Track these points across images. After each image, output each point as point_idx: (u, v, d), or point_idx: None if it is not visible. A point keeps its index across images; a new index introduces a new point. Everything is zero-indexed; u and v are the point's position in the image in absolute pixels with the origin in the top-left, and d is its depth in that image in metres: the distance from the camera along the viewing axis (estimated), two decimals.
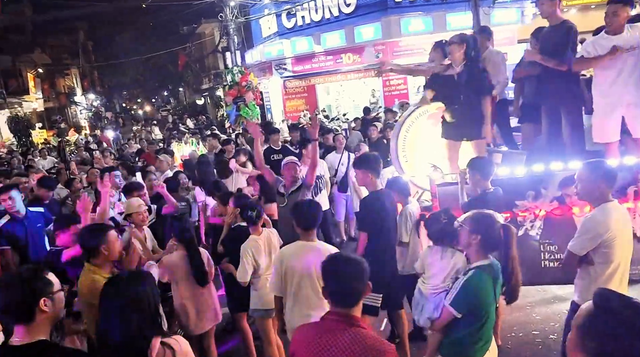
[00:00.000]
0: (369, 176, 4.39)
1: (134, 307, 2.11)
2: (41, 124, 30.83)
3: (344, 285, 2.23)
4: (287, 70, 22.16)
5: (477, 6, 12.97)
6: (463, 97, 5.05)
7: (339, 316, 2.21)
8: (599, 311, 1.52)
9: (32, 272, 2.21)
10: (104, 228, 3.46)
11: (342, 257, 2.36)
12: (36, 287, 2.16)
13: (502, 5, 16.22)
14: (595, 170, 3.19)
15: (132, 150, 13.76)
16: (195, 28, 36.60)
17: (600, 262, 3.14)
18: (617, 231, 3.10)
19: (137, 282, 2.23)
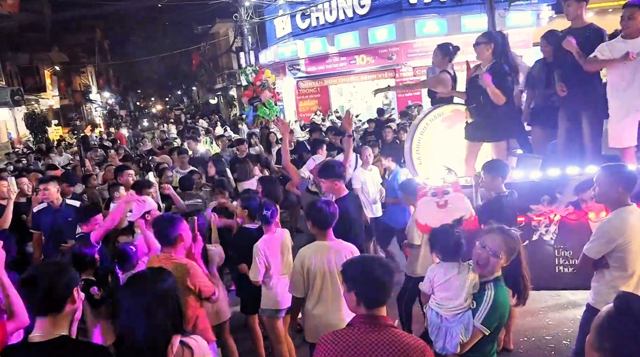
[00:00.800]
0: (336, 183, 4.38)
1: (159, 303, 2.10)
2: (57, 121, 31.25)
3: (375, 287, 2.21)
4: (301, 70, 22.21)
5: (492, 8, 12.87)
6: (483, 97, 5.00)
7: (369, 319, 2.19)
8: (618, 313, 1.53)
9: (64, 264, 2.27)
10: (178, 218, 3.54)
11: (369, 259, 2.34)
12: (72, 275, 2.22)
13: (518, 8, 16.09)
14: (614, 174, 3.20)
15: (146, 148, 13.86)
16: (210, 28, 36.87)
17: (615, 266, 3.16)
18: (633, 235, 3.10)
19: (161, 278, 2.23)
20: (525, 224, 4.51)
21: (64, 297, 2.15)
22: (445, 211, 4.11)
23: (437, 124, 5.73)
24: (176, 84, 55.76)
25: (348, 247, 3.57)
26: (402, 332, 2.22)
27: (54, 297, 2.12)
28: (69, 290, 2.17)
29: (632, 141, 4.72)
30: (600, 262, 3.20)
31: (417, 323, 4.70)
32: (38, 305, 2.14)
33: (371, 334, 2.14)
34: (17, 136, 24.34)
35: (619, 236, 3.09)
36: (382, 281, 2.22)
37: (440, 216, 3.99)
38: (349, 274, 2.29)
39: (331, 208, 3.59)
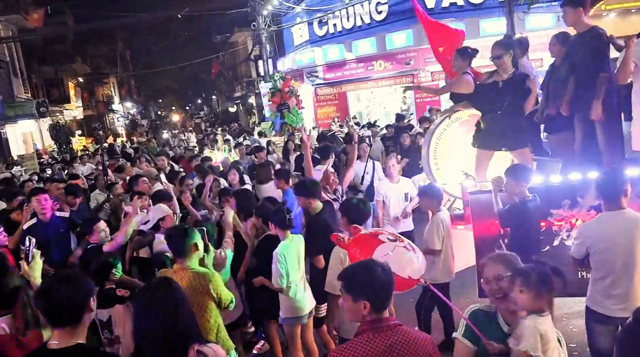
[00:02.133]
0: (310, 202, 4.56)
1: (172, 312, 2.14)
2: (80, 131, 31.91)
3: (383, 291, 2.23)
4: (319, 77, 22.28)
5: (511, 12, 12.76)
6: (508, 104, 4.95)
7: (377, 323, 2.20)
8: (635, 325, 1.49)
9: (78, 274, 2.28)
10: (191, 228, 3.58)
11: (371, 264, 2.33)
12: (88, 286, 2.21)
13: (537, 11, 15.90)
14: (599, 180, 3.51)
15: None
16: (229, 37, 37.31)
17: (595, 267, 3.39)
18: (612, 239, 3.27)
19: (172, 288, 2.27)
20: (546, 229, 4.44)
21: (82, 307, 2.15)
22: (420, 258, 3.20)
23: (454, 128, 5.71)
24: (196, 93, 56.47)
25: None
26: (408, 328, 2.28)
27: (71, 308, 2.12)
28: (86, 300, 2.17)
29: None
30: (583, 262, 3.45)
31: (436, 329, 4.66)
32: (56, 317, 2.13)
33: (384, 338, 2.16)
34: (42, 147, 24.91)
35: (592, 239, 3.35)
36: (388, 284, 2.25)
37: (418, 266, 3.12)
38: (353, 283, 2.26)
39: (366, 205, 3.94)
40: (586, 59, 4.69)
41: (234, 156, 11.27)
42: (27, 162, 16.68)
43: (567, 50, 5.08)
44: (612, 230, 3.31)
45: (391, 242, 3.20)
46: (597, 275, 3.38)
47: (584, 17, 4.80)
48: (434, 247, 4.55)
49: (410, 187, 6.13)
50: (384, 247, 3.16)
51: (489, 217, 4.46)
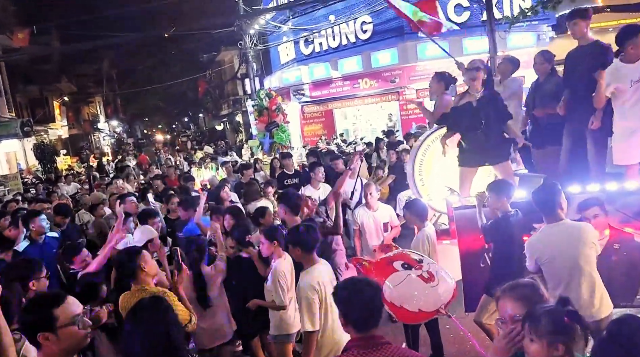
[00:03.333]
0: (285, 212, 4.69)
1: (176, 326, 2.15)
2: (65, 150, 31.62)
3: (362, 309, 2.20)
4: (305, 95, 22.44)
5: (493, 31, 13.02)
6: (485, 122, 5.06)
7: (364, 341, 2.18)
8: (609, 337, 1.52)
9: (38, 304, 2.19)
10: (136, 249, 3.61)
11: (358, 282, 2.32)
12: (33, 321, 2.13)
13: (518, 30, 16.25)
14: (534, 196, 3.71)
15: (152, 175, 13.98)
16: (215, 56, 37.48)
17: (546, 278, 3.55)
18: (556, 250, 3.48)
19: (164, 307, 2.26)
20: None
21: (34, 337, 2.11)
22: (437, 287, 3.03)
23: (439, 145, 5.78)
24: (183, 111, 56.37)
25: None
26: (400, 347, 2.22)
27: (27, 335, 2.13)
28: (33, 334, 2.12)
29: (637, 159, 4.74)
30: (539, 273, 3.59)
31: (424, 346, 4.67)
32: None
33: (369, 355, 2.14)
34: (26, 167, 24.61)
35: (538, 251, 3.56)
36: (370, 303, 2.19)
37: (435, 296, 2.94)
38: (339, 297, 2.29)
39: (315, 232, 3.66)
40: (590, 70, 4.75)
41: (221, 174, 11.25)
42: (10, 182, 16.49)
43: (565, 63, 5.20)
44: (555, 241, 3.51)
45: (405, 270, 3.05)
46: (549, 285, 3.52)
47: (588, 30, 4.98)
48: None
49: (391, 215, 5.68)
50: (395, 277, 3.12)
51: (474, 232, 4.52)
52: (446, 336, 4.83)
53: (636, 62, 4.49)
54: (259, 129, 16.18)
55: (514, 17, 12.30)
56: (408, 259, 3.29)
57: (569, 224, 3.59)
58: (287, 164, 8.76)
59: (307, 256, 3.58)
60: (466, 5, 18.87)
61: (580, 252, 3.47)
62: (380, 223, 5.58)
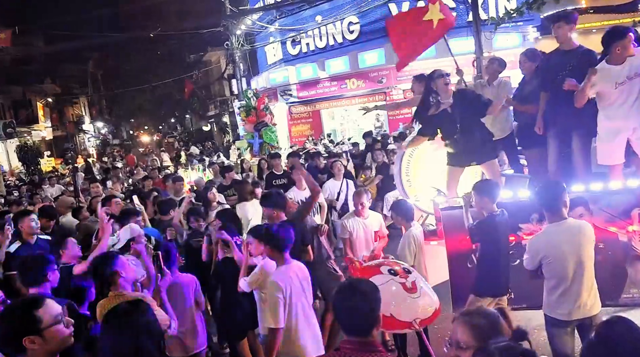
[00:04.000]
0: (274, 212, 4.66)
1: (148, 334, 2.09)
2: (49, 152, 31.22)
3: (353, 316, 2.18)
4: (292, 96, 22.42)
5: (478, 32, 13.11)
6: (461, 124, 5.09)
7: (355, 344, 2.16)
8: (598, 340, 1.52)
9: (19, 309, 2.16)
10: (113, 254, 3.52)
11: (351, 289, 2.27)
12: (18, 326, 2.10)
13: (504, 31, 16.38)
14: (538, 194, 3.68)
15: (139, 177, 13.85)
16: (202, 56, 37.29)
17: (547, 277, 3.57)
18: (560, 249, 3.45)
19: (144, 309, 2.22)
20: (516, 243, 4.53)
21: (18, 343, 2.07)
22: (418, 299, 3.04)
23: (425, 146, 5.80)
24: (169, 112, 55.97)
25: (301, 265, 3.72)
26: (389, 354, 2.23)
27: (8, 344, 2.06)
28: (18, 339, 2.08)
29: (620, 159, 4.79)
30: (536, 273, 3.61)
31: (412, 346, 4.67)
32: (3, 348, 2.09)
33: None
34: (9, 168, 24.27)
35: (542, 250, 3.53)
36: (359, 310, 2.16)
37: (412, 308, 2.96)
38: (334, 302, 2.27)
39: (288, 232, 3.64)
40: (575, 76, 4.77)
41: (208, 175, 11.18)
42: None
43: (543, 66, 5.23)
44: (558, 240, 3.50)
45: (390, 274, 3.06)
46: (550, 284, 3.56)
47: (572, 34, 4.99)
48: (406, 262, 4.59)
49: (380, 223, 5.39)
50: (377, 279, 3.11)
51: (461, 233, 4.53)
52: (433, 336, 4.83)
53: (622, 64, 4.54)
54: (247, 129, 15.97)
55: (499, 18, 12.39)
56: (397, 267, 3.32)
57: (572, 222, 3.57)
58: (275, 164, 8.74)
59: (277, 255, 3.61)
60: (452, 6, 18.96)
61: (584, 251, 3.48)
62: (371, 231, 5.32)
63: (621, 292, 4.33)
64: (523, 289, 4.59)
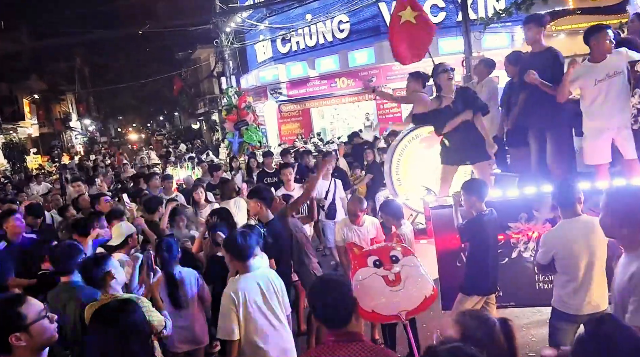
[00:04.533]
0: (258, 204, 4.56)
1: (134, 333, 2.08)
2: (36, 149, 30.86)
3: (329, 307, 2.26)
4: (282, 94, 22.39)
5: (468, 31, 13.19)
6: (462, 122, 5.14)
7: (337, 336, 2.25)
8: (587, 335, 1.54)
9: (1, 306, 2.12)
10: (104, 255, 3.48)
11: (321, 282, 2.38)
12: (3, 323, 2.07)
13: (493, 31, 16.51)
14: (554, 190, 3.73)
15: (127, 175, 13.73)
16: (191, 54, 37.08)
17: (560, 272, 3.61)
18: (573, 245, 3.48)
19: (130, 309, 2.21)
20: (505, 242, 4.57)
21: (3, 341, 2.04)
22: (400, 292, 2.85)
23: (415, 145, 5.83)
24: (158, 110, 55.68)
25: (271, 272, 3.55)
26: (373, 344, 2.28)
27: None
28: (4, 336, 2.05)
29: (607, 158, 4.85)
30: (549, 267, 3.65)
31: (401, 345, 4.69)
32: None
33: (340, 349, 2.20)
34: None
35: (556, 246, 3.55)
36: (334, 302, 2.24)
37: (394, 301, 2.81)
38: (309, 299, 2.36)
39: (250, 240, 3.41)
40: (544, 78, 4.86)
41: (197, 173, 11.12)
42: None
43: (520, 67, 5.29)
44: (572, 236, 3.52)
45: (374, 267, 2.94)
46: (563, 278, 3.59)
47: (542, 37, 5.03)
48: None
49: (376, 229, 5.01)
50: (362, 272, 3.08)
51: (450, 232, 4.56)
52: (423, 333, 4.86)
53: (601, 61, 4.62)
54: (227, 128, 15.79)
55: (488, 19, 12.48)
56: (385, 256, 3.14)
57: (586, 219, 3.58)
58: (267, 162, 8.78)
59: (238, 264, 3.40)
60: (442, 6, 19.09)
61: (597, 248, 3.50)
62: (367, 239, 4.91)
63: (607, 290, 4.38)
64: (511, 287, 4.64)
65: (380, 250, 3.33)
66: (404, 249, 3.09)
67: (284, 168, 6.98)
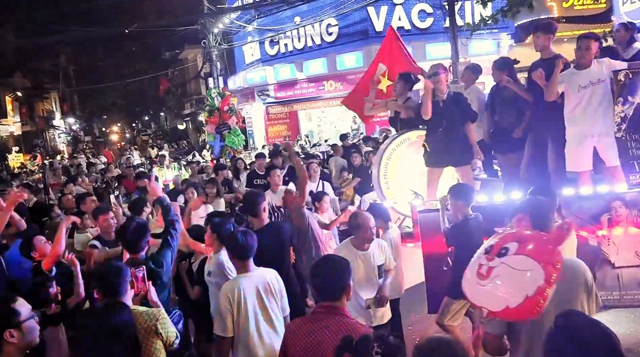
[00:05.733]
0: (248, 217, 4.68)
1: (115, 337, 2.07)
2: (18, 148, 30.35)
3: (326, 281, 2.57)
4: (270, 96, 22.35)
5: (455, 37, 13.35)
6: (447, 122, 5.20)
7: (326, 308, 2.55)
8: (556, 328, 1.61)
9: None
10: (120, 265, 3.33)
11: (326, 258, 2.74)
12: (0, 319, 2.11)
13: (479, 37, 16.70)
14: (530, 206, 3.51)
15: (112, 175, 13.59)
16: (178, 54, 36.83)
17: None
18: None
19: (116, 312, 2.22)
20: None
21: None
22: (488, 287, 2.38)
23: (404, 149, 5.87)
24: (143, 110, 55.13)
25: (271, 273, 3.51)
26: (353, 320, 2.57)
27: None
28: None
29: (587, 166, 4.93)
30: None
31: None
32: None
33: (323, 319, 2.52)
34: None
35: None
36: (328, 277, 2.57)
37: (481, 295, 2.42)
38: (311, 274, 2.66)
39: (251, 239, 3.44)
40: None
41: (184, 174, 11.06)
42: None
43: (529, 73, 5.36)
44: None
45: (484, 252, 2.50)
46: None
47: (551, 44, 5.15)
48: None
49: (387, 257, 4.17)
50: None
51: (437, 236, 4.60)
52: (409, 337, 4.89)
53: (585, 69, 4.72)
54: (208, 130, 15.31)
55: (475, 25, 12.64)
56: (500, 243, 2.56)
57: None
58: (259, 164, 8.81)
59: (238, 263, 3.43)
60: (429, 12, 19.26)
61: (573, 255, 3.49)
62: (374, 267, 4.08)
63: None
64: None
65: (504, 236, 2.66)
66: (521, 246, 2.41)
67: (273, 169, 6.96)
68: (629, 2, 7.08)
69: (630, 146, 4.70)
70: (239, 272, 3.44)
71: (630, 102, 4.62)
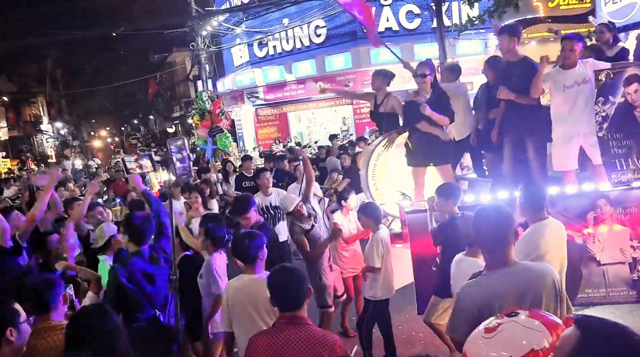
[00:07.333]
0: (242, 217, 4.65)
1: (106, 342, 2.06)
2: (5, 153, 30.03)
3: (285, 292, 2.57)
4: (259, 98, 22.31)
5: (442, 38, 13.41)
6: (429, 121, 5.24)
7: (287, 319, 2.56)
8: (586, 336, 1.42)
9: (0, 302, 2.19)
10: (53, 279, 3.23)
11: (282, 269, 2.69)
12: (3, 315, 2.14)
13: (467, 37, 16.81)
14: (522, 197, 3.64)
15: (101, 179, 13.48)
16: (167, 57, 36.63)
17: None
18: (549, 247, 3.43)
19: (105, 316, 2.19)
20: None
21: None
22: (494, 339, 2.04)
23: (392, 150, 5.88)
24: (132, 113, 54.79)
25: None
26: (317, 328, 2.60)
27: None
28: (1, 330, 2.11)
29: (574, 165, 4.99)
30: None
31: (378, 348, 4.72)
32: None
33: (287, 331, 2.51)
34: None
35: (535, 249, 3.43)
36: (288, 287, 2.57)
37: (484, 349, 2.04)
38: (268, 283, 2.67)
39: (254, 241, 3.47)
40: (519, 87, 4.96)
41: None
42: None
43: (498, 74, 5.40)
44: (545, 238, 3.48)
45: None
46: None
47: (517, 46, 5.14)
48: (374, 264, 4.65)
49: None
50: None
51: (425, 236, 4.62)
52: (398, 337, 4.91)
53: (571, 69, 4.78)
54: (200, 134, 14.90)
55: (462, 25, 12.71)
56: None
57: (554, 221, 3.60)
58: (247, 166, 8.78)
59: (239, 264, 3.59)
60: (417, 12, 19.35)
61: (565, 249, 3.54)
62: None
63: (577, 293, 4.50)
64: None
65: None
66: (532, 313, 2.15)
67: (262, 172, 6.91)
68: (611, 2, 7.16)
69: (612, 145, 4.74)
70: (243, 273, 3.57)
71: (611, 102, 4.67)
